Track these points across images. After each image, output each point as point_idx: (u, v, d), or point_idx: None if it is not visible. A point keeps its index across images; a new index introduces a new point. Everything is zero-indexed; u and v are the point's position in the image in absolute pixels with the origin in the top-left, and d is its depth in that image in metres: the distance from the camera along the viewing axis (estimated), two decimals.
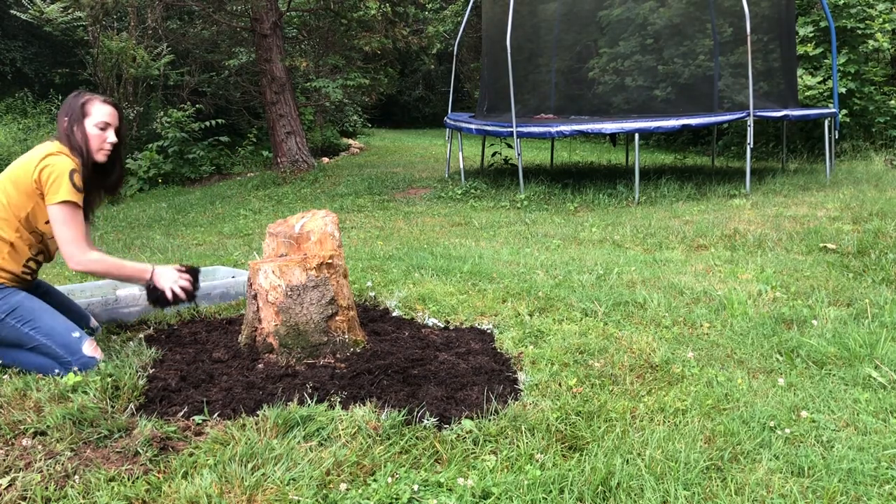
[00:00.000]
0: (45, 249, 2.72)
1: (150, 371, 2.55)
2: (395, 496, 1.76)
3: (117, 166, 2.81)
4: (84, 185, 2.62)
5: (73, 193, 2.55)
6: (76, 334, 2.57)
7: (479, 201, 7.71)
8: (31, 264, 2.69)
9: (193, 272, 2.83)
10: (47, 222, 2.60)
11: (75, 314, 2.83)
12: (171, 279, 2.75)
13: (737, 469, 1.91)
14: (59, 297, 2.89)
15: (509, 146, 8.64)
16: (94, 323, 2.92)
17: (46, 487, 1.80)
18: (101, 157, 2.69)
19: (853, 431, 2.11)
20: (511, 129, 7.81)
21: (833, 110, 8.35)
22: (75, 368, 2.49)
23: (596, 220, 6.15)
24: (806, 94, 10.17)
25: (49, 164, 2.54)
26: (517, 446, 1.99)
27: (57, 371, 2.50)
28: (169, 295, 2.74)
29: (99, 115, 2.67)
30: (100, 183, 2.79)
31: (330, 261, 2.63)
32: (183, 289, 2.77)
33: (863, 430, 2.12)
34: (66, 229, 2.55)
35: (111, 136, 2.69)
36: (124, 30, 13.67)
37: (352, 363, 2.57)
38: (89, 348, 2.56)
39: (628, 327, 3.04)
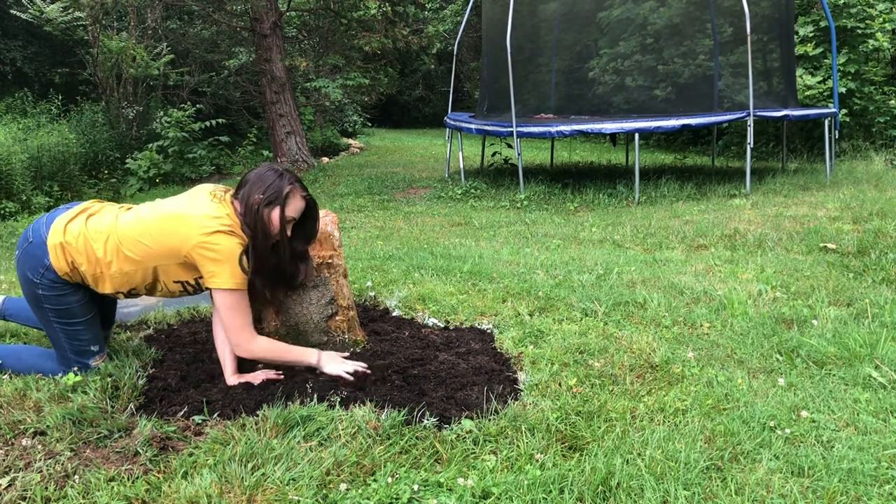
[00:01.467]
0: (149, 292, 2.52)
1: (150, 371, 2.55)
2: (395, 496, 1.76)
3: (288, 260, 2.49)
4: (257, 269, 2.39)
5: (241, 279, 2.34)
6: (95, 348, 2.53)
7: (479, 201, 7.71)
8: (121, 295, 2.51)
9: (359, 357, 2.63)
10: (176, 282, 2.43)
11: (110, 316, 2.81)
12: (337, 366, 2.48)
13: (737, 469, 1.90)
14: (115, 301, 2.81)
15: (509, 146, 8.64)
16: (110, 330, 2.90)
17: (46, 487, 1.80)
18: (281, 249, 2.42)
19: (853, 431, 2.11)
20: (511, 129, 7.81)
21: (833, 110, 8.35)
22: (75, 368, 2.49)
23: (596, 220, 6.15)
24: (806, 93, 10.18)
25: (216, 246, 2.30)
26: (517, 446, 1.99)
27: (58, 373, 2.49)
28: (345, 376, 2.45)
29: (293, 211, 2.42)
30: (276, 275, 2.50)
31: (330, 261, 2.63)
32: (355, 372, 2.48)
33: (863, 430, 2.12)
34: (233, 316, 2.35)
35: (288, 231, 2.43)
36: (124, 30, 13.67)
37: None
38: (96, 362, 2.55)
39: (628, 327, 3.04)
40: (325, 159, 13.50)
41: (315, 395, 2.28)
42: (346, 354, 2.59)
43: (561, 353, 2.68)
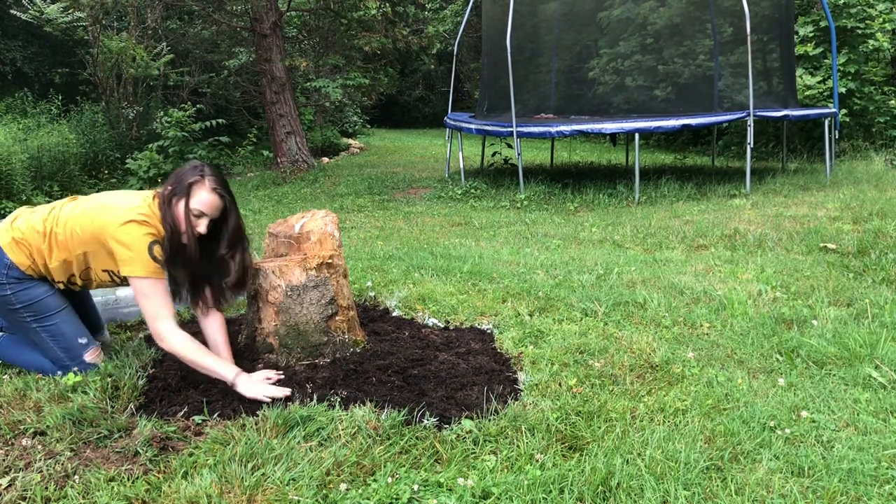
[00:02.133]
0: (86, 283, 2.60)
1: (150, 371, 2.55)
2: (395, 496, 1.76)
3: (217, 263, 2.49)
4: (169, 260, 2.41)
5: (152, 269, 2.36)
6: (83, 340, 2.55)
7: (479, 201, 7.71)
8: (73, 286, 2.60)
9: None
10: (104, 271, 2.50)
11: (93, 317, 2.81)
12: (257, 389, 2.32)
13: (737, 469, 1.90)
14: (86, 296, 2.84)
15: (509, 146, 8.64)
16: (106, 336, 2.89)
17: (46, 487, 1.80)
18: (184, 239, 2.40)
19: (853, 431, 2.11)
20: (511, 129, 7.81)
21: (833, 110, 8.35)
22: (75, 369, 2.49)
23: (596, 220, 6.15)
24: (806, 93, 10.17)
25: (126, 236, 2.35)
26: (517, 446, 1.99)
27: (56, 372, 2.49)
28: (262, 399, 2.30)
29: (198, 204, 2.39)
30: (206, 271, 2.50)
31: (330, 261, 2.63)
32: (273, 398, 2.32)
33: (863, 430, 2.12)
34: (146, 305, 2.37)
35: (202, 227, 2.41)
36: (124, 30, 13.67)
37: (352, 363, 2.57)
38: (91, 355, 2.55)
39: (628, 327, 3.04)
40: (326, 159, 13.50)
41: (315, 395, 2.28)
42: (273, 376, 2.43)
43: (561, 353, 2.68)
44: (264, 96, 11.21)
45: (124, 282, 2.51)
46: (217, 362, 2.39)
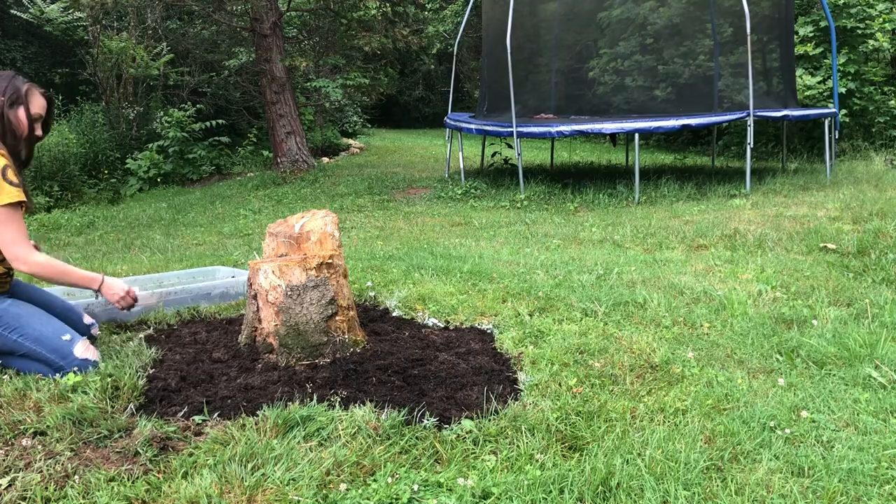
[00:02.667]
0: None
1: (150, 371, 2.55)
2: (395, 496, 1.76)
3: (30, 157, 2.70)
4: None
5: (13, 193, 2.42)
6: (66, 337, 2.52)
7: (479, 201, 7.71)
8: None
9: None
10: None
11: (59, 310, 2.75)
12: (118, 295, 2.73)
13: (737, 469, 1.91)
14: (41, 294, 2.81)
15: (509, 146, 8.64)
16: (87, 319, 2.85)
17: (46, 487, 1.80)
18: (24, 142, 2.57)
19: (853, 431, 2.11)
20: (511, 129, 7.81)
21: (833, 110, 8.35)
22: (75, 368, 2.48)
23: (596, 220, 6.15)
24: (805, 93, 10.18)
25: None
26: (517, 446, 1.99)
27: (55, 374, 2.48)
28: (117, 304, 2.75)
29: (37, 108, 2.56)
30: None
31: (330, 261, 2.63)
32: (126, 306, 2.78)
33: (863, 430, 2.12)
34: (5, 230, 2.42)
35: (38, 130, 2.59)
36: (124, 30, 13.67)
37: (352, 363, 2.57)
38: (81, 349, 2.52)
39: (628, 327, 3.04)
40: (326, 159, 13.50)
41: (315, 395, 2.28)
42: (129, 290, 2.75)
43: (561, 353, 2.68)
44: (264, 96, 11.22)
45: None
46: (81, 272, 2.61)
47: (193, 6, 11.81)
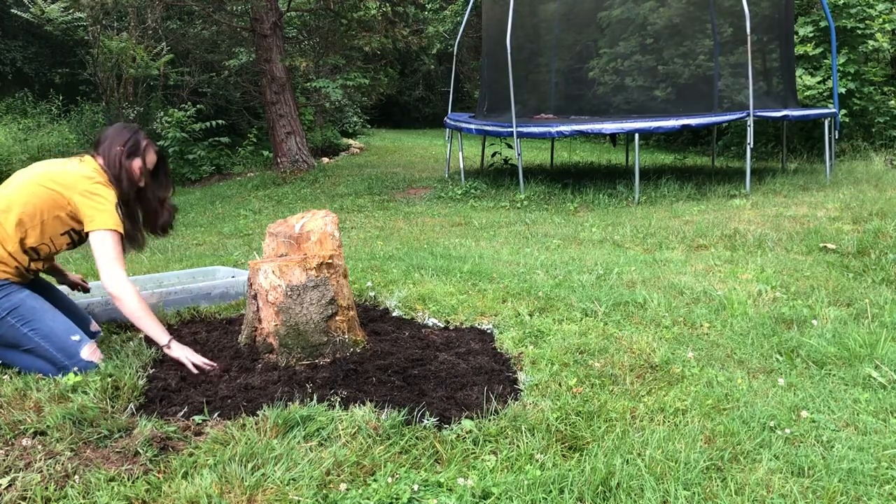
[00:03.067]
0: (49, 257, 2.75)
1: (150, 371, 2.55)
2: (395, 496, 1.76)
3: (155, 206, 2.88)
4: (126, 215, 2.73)
5: (117, 222, 2.60)
6: (76, 338, 2.54)
7: (479, 201, 7.71)
8: (36, 264, 2.68)
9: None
10: (62, 234, 2.64)
11: (77, 316, 2.81)
12: (183, 354, 2.61)
13: (737, 469, 1.91)
14: (61, 295, 2.88)
15: (509, 146, 8.64)
16: (94, 327, 2.89)
17: (46, 487, 1.80)
18: (137, 191, 2.80)
19: (853, 431, 2.11)
20: (511, 129, 7.81)
21: (833, 110, 8.35)
22: (74, 369, 2.48)
23: (596, 220, 6.15)
24: (805, 94, 10.18)
25: (97, 195, 2.58)
26: (517, 446, 1.99)
27: (57, 374, 2.49)
28: (187, 364, 2.58)
29: (150, 162, 2.78)
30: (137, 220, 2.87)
31: (330, 261, 2.63)
32: (197, 366, 2.59)
33: (863, 430, 2.12)
34: (108, 250, 2.56)
35: (142, 182, 2.79)
36: (124, 30, 13.67)
37: (352, 363, 2.57)
38: (87, 352, 2.54)
39: (628, 327, 3.04)
40: (326, 159, 13.50)
41: (315, 395, 2.28)
42: (199, 361, 2.59)
43: (561, 353, 2.68)
44: (264, 96, 11.21)
45: (81, 240, 2.70)
46: (156, 326, 2.61)
47: (193, 6, 11.80)
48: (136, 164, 2.72)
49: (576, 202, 7.28)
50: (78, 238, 2.70)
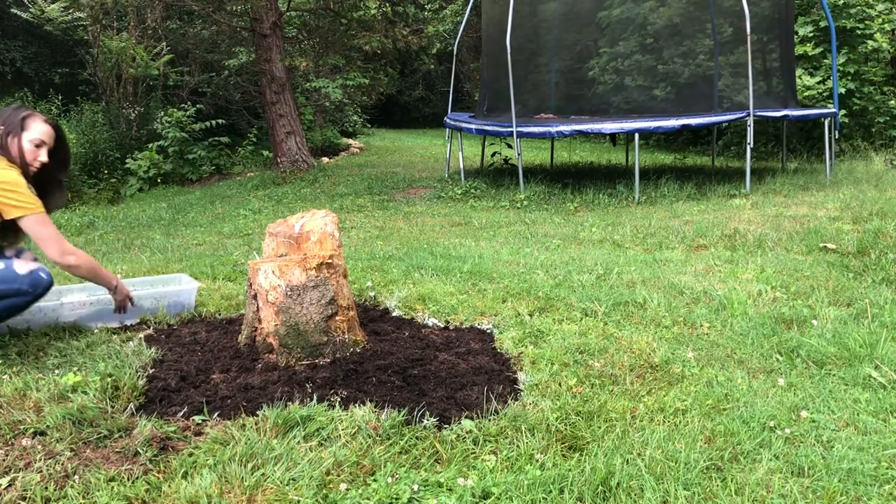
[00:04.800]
0: None
1: (150, 371, 2.55)
2: (395, 496, 1.76)
3: (53, 188, 2.86)
4: None
5: (38, 201, 2.64)
6: (1, 266, 2.63)
7: (479, 201, 7.71)
8: None
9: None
10: None
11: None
12: (125, 292, 3.03)
13: (737, 469, 1.91)
14: None
15: (509, 146, 8.64)
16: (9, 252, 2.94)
17: (46, 487, 1.80)
18: (32, 170, 2.75)
19: (853, 431, 2.11)
20: (511, 129, 7.81)
21: (833, 110, 8.35)
22: (31, 289, 2.62)
23: (596, 220, 6.15)
24: (805, 94, 10.18)
25: (9, 177, 2.59)
26: (517, 446, 1.99)
27: (27, 296, 2.65)
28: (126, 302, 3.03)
29: (37, 134, 2.73)
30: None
31: (330, 261, 2.63)
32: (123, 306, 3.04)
33: (863, 430, 2.12)
34: (46, 231, 2.65)
35: (43, 156, 2.75)
36: (124, 30, 13.67)
37: (352, 363, 2.57)
38: (21, 266, 2.66)
39: (628, 327, 3.04)
40: (325, 159, 13.50)
41: (315, 395, 2.28)
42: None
43: (561, 353, 2.68)
44: (264, 96, 11.21)
45: (7, 232, 2.71)
46: (107, 272, 2.92)
47: (193, 6, 11.80)
48: (20, 141, 2.69)
49: (576, 202, 7.28)
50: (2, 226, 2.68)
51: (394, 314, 3.26)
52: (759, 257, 4.42)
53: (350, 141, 16.33)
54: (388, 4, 11.51)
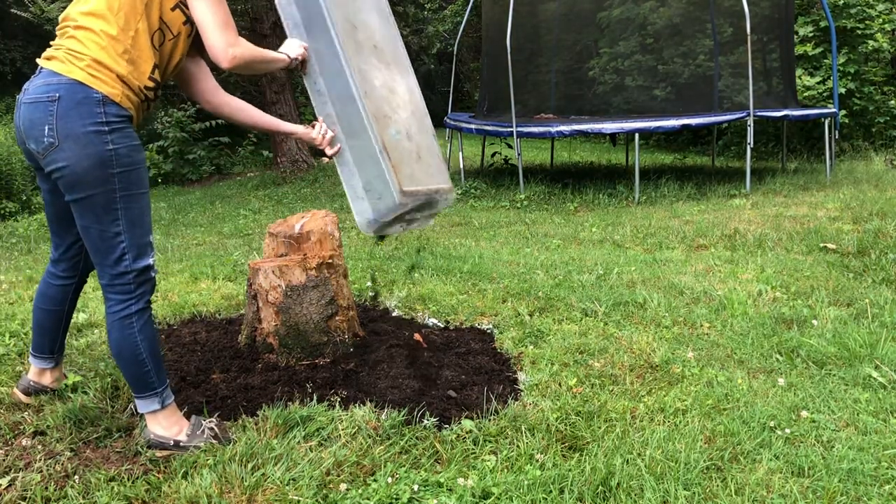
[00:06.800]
0: (163, 64, 2.09)
1: None
2: (395, 496, 1.76)
3: None
4: None
5: None
6: (152, 238, 2.01)
7: (479, 201, 7.71)
8: (152, 82, 2.03)
9: None
10: (172, 8, 2.07)
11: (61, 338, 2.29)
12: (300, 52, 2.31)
13: (737, 469, 1.91)
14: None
15: (509, 146, 8.64)
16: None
17: (46, 487, 1.80)
18: None
19: (853, 431, 2.11)
20: (511, 129, 7.81)
21: (833, 110, 8.35)
22: (133, 274, 1.94)
23: (596, 220, 6.14)
24: (805, 94, 10.18)
25: None
26: (517, 446, 1.99)
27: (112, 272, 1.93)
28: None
29: None
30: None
31: (330, 261, 2.63)
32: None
33: (863, 430, 2.12)
34: (217, 9, 2.12)
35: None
36: None
37: (352, 363, 2.57)
38: (153, 259, 2.01)
39: (628, 327, 3.04)
40: (325, 159, 13.49)
41: (315, 395, 2.28)
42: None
43: (561, 353, 2.68)
44: (264, 96, 11.21)
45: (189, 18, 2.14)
46: (273, 53, 2.27)
47: None
48: None
49: (576, 202, 7.28)
50: (187, 5, 2.11)
51: (394, 314, 3.26)
52: (759, 257, 4.42)
53: None
54: None
